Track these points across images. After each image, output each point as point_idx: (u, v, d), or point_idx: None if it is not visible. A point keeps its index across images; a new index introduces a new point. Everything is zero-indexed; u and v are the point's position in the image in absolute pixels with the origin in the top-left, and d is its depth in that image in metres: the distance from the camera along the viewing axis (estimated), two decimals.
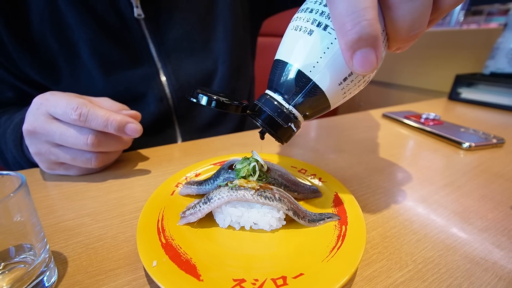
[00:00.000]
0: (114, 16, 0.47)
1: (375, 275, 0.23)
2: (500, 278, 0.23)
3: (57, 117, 0.33)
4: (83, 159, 0.35)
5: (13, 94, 0.48)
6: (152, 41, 0.51)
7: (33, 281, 0.19)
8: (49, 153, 0.34)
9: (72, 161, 0.35)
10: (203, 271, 0.20)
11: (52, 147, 0.34)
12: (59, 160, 0.35)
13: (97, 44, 0.46)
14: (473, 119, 0.67)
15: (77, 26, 0.45)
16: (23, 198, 0.19)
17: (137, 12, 0.48)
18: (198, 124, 0.60)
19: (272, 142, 0.51)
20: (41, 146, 0.34)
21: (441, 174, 0.39)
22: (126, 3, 0.47)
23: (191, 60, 0.55)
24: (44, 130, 0.33)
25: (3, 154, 0.45)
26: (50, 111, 0.33)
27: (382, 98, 1.34)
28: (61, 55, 0.46)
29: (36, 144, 0.34)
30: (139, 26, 0.49)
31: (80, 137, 0.33)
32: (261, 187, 0.26)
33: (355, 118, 0.67)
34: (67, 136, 0.33)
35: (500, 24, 0.94)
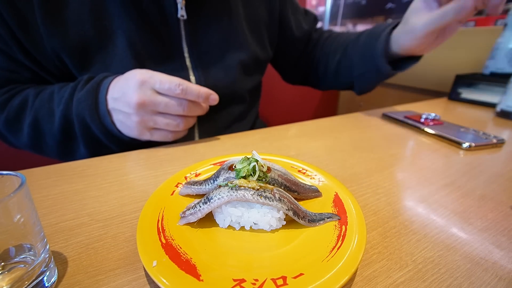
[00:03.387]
0: (157, 13, 0.49)
1: (375, 275, 0.23)
2: (500, 278, 0.23)
3: (161, 91, 0.41)
4: (175, 123, 0.44)
5: (29, 75, 0.50)
6: (187, 42, 0.53)
7: (33, 281, 0.19)
8: (149, 120, 0.42)
9: (166, 126, 0.44)
10: (203, 271, 0.20)
11: (154, 115, 0.42)
12: (155, 125, 0.43)
13: (135, 36, 0.48)
14: (473, 119, 0.67)
15: (118, 16, 0.47)
16: (23, 198, 0.19)
17: (181, 13, 0.50)
18: (217, 126, 0.62)
19: (272, 142, 0.51)
20: (146, 115, 0.42)
21: (441, 174, 0.39)
22: (171, 3, 0.49)
23: (219, 67, 0.58)
24: (152, 102, 0.41)
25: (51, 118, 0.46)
26: (156, 87, 0.41)
27: (382, 98, 1.34)
28: (94, 41, 0.47)
29: (142, 114, 0.41)
30: (178, 26, 0.51)
31: (180, 105, 0.42)
32: (261, 187, 0.26)
33: (355, 118, 0.67)
34: (170, 106, 0.42)
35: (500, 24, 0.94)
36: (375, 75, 0.62)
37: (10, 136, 0.50)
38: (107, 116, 0.43)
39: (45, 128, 0.47)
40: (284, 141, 0.52)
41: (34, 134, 0.47)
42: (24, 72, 0.50)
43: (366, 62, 0.62)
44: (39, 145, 0.49)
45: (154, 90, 0.41)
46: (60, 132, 0.46)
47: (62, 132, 0.46)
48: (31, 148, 0.51)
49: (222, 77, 0.57)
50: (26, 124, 0.47)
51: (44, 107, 0.46)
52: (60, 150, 0.50)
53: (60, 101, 0.45)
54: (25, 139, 0.48)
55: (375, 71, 0.61)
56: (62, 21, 0.45)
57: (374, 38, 0.59)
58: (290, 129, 0.58)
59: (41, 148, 0.50)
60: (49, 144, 0.49)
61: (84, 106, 0.43)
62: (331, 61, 0.71)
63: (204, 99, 0.43)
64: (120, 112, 0.42)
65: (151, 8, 0.48)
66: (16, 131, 0.48)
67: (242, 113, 0.66)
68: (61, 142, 0.48)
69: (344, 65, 0.68)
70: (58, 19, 0.45)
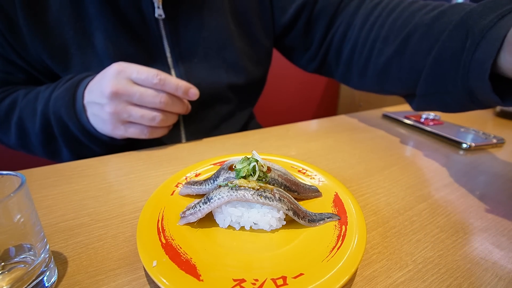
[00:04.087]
0: (135, 12, 0.48)
1: (375, 275, 0.23)
2: (500, 278, 0.23)
3: (138, 82, 0.40)
4: (150, 116, 0.41)
5: (24, 76, 0.51)
6: (168, 42, 0.52)
7: (33, 281, 0.19)
8: (123, 111, 0.40)
9: (140, 119, 0.41)
10: (203, 271, 0.20)
11: (128, 106, 0.40)
12: (129, 118, 0.41)
13: (113, 36, 0.48)
14: (473, 119, 0.67)
15: (96, 16, 0.46)
16: (23, 198, 0.19)
17: (158, 12, 0.49)
18: (204, 127, 0.61)
19: (271, 142, 0.52)
20: (119, 105, 0.40)
21: (441, 174, 0.39)
22: (148, 2, 0.48)
23: (203, 65, 0.56)
24: (126, 92, 0.39)
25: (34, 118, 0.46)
26: (132, 76, 0.39)
27: (382, 98, 1.34)
28: (74, 43, 0.47)
29: (115, 104, 0.39)
30: (157, 26, 0.50)
31: (156, 96, 0.40)
32: (261, 187, 0.26)
33: (355, 118, 0.67)
34: (145, 96, 0.40)
35: None
36: (463, 101, 0.38)
37: (2, 136, 0.51)
38: (83, 112, 0.42)
39: (29, 127, 0.47)
40: (284, 141, 0.52)
41: (20, 134, 0.48)
42: (18, 74, 0.50)
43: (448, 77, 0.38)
44: (26, 144, 0.50)
45: (131, 80, 0.40)
46: (41, 131, 0.46)
47: (43, 132, 0.46)
48: (21, 147, 0.51)
49: (205, 76, 0.56)
50: (13, 123, 0.47)
51: (28, 106, 0.46)
52: (45, 150, 0.50)
53: (42, 99, 0.45)
54: (14, 138, 0.49)
55: (464, 95, 0.37)
56: (43, 23, 0.45)
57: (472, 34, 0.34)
58: (290, 129, 0.58)
59: (29, 148, 0.50)
60: (34, 144, 0.49)
61: (61, 103, 0.43)
62: (378, 54, 0.48)
63: (183, 92, 0.42)
64: (94, 104, 0.41)
65: (129, 9, 0.47)
66: (6, 130, 0.49)
67: (231, 113, 0.64)
68: (44, 142, 0.48)
69: (403, 68, 0.45)
70: (40, 21, 0.45)
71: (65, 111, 0.43)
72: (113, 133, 0.43)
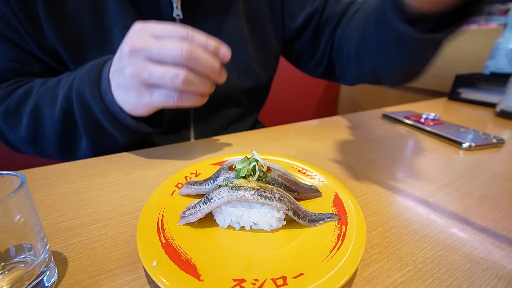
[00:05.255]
0: (153, 11, 0.48)
1: (375, 275, 0.23)
2: (500, 278, 0.23)
3: (162, 35, 0.35)
4: (172, 73, 0.35)
5: (40, 66, 0.49)
6: None
7: (33, 281, 0.19)
8: (143, 70, 0.35)
9: (161, 78, 0.35)
10: (203, 271, 0.20)
11: (148, 64, 0.35)
12: (150, 78, 0.35)
13: None
14: (473, 119, 0.67)
15: (115, 12, 0.46)
16: (23, 198, 0.19)
17: (176, 12, 0.49)
18: (213, 128, 0.61)
19: (271, 142, 0.52)
20: (139, 64, 0.35)
21: (441, 174, 0.39)
22: (167, 2, 0.48)
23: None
24: (144, 46, 0.34)
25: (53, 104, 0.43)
26: (156, 32, 0.35)
27: (382, 98, 1.34)
28: (92, 37, 0.47)
29: (134, 62, 0.35)
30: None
31: (178, 47, 0.34)
32: (261, 187, 0.26)
33: (355, 118, 0.67)
34: (165, 48, 0.34)
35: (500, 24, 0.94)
36: (397, 48, 0.43)
37: (8, 130, 0.47)
38: (108, 92, 0.39)
39: (46, 116, 0.43)
40: (284, 141, 0.52)
41: (33, 125, 0.44)
42: (35, 64, 0.49)
43: (381, 29, 0.44)
44: (37, 139, 0.46)
45: (153, 36, 0.36)
46: (60, 119, 0.43)
47: (62, 119, 0.43)
48: (30, 142, 0.47)
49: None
50: (26, 113, 0.44)
51: (48, 93, 0.44)
52: (60, 144, 0.46)
53: (65, 84, 0.43)
54: (23, 132, 0.45)
55: (393, 40, 0.42)
56: (61, 15, 0.45)
57: None
58: (290, 129, 0.58)
59: (39, 142, 0.47)
60: (47, 137, 0.45)
61: (86, 81, 0.40)
62: (352, 41, 0.54)
63: (213, 48, 0.37)
64: (116, 72, 0.38)
65: (148, 7, 0.48)
66: (14, 123, 0.45)
67: (240, 116, 0.65)
68: (61, 132, 0.44)
69: (363, 43, 0.51)
70: (58, 12, 0.44)
71: (89, 90, 0.39)
72: (138, 103, 0.38)
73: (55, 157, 0.51)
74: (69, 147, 0.47)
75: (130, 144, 0.46)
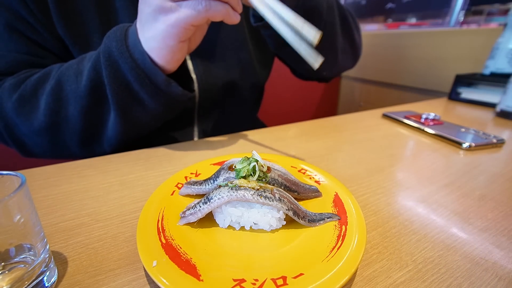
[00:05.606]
0: None
1: (375, 275, 0.23)
2: (500, 278, 0.23)
3: None
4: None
5: (51, 60, 0.49)
6: None
7: (33, 281, 0.19)
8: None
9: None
10: (203, 271, 0.20)
11: None
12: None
13: None
14: (473, 119, 0.67)
15: (122, 9, 0.47)
16: (23, 198, 0.19)
17: None
18: (216, 125, 0.62)
19: (271, 142, 0.51)
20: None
21: (441, 174, 0.39)
22: None
23: (220, 65, 0.57)
24: None
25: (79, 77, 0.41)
26: None
27: (382, 98, 1.34)
28: (99, 32, 0.47)
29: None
30: None
31: None
32: (261, 187, 0.26)
33: (355, 118, 0.67)
34: None
35: (500, 24, 0.94)
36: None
37: (20, 121, 0.44)
38: (138, 45, 0.37)
39: (69, 93, 0.41)
40: (284, 141, 0.52)
41: (54, 106, 0.42)
42: (46, 58, 0.48)
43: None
44: (57, 123, 0.43)
45: None
46: (87, 92, 0.40)
47: (90, 92, 0.41)
48: (46, 131, 0.44)
49: (222, 75, 0.57)
50: (45, 94, 0.42)
51: (71, 69, 0.42)
52: (84, 126, 0.44)
53: (90, 58, 0.41)
54: (41, 118, 0.42)
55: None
56: (70, 9, 0.45)
57: None
58: (290, 129, 0.58)
59: (58, 128, 0.44)
60: (70, 118, 0.43)
61: (112, 38, 0.38)
62: None
63: None
64: (143, 15, 0.36)
65: None
66: (30, 110, 0.42)
67: (243, 113, 0.66)
68: (87, 110, 0.42)
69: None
70: (66, 6, 0.45)
71: (116, 46, 0.38)
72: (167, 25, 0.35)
73: (73, 148, 0.48)
74: (94, 128, 0.45)
75: (159, 116, 0.44)
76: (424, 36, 1.07)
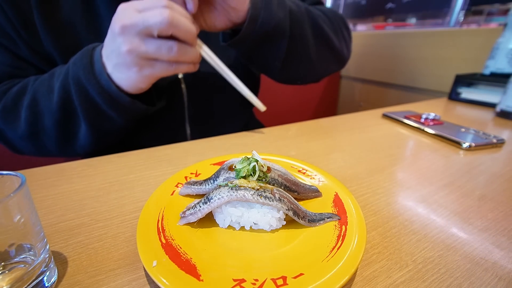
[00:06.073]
0: None
1: (375, 275, 0.23)
2: (500, 278, 0.23)
3: (145, 8, 0.37)
4: (167, 46, 0.39)
5: (33, 71, 0.51)
6: None
7: (33, 281, 0.19)
8: (139, 45, 0.38)
9: (158, 51, 0.39)
10: (203, 271, 0.20)
11: (142, 39, 0.38)
12: (148, 52, 0.38)
13: None
14: (473, 119, 0.67)
15: (107, 16, 0.47)
16: (23, 198, 0.19)
17: None
18: (209, 125, 0.62)
19: (271, 142, 0.51)
20: (133, 39, 0.37)
21: (441, 174, 0.39)
22: None
23: (207, 64, 0.56)
24: (132, 21, 0.37)
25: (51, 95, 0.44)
26: (139, 7, 0.37)
27: (382, 98, 1.34)
28: (87, 41, 0.47)
29: (128, 39, 0.37)
30: None
31: (159, 13, 0.36)
32: (261, 187, 0.26)
33: (355, 118, 0.67)
34: (149, 17, 0.36)
35: (500, 24, 0.94)
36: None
37: (7, 128, 0.48)
38: (103, 72, 0.41)
39: (43, 107, 0.45)
40: (284, 141, 0.52)
41: (32, 118, 0.45)
42: (28, 69, 0.50)
43: None
44: (37, 132, 0.47)
45: (137, 10, 0.38)
46: (59, 108, 0.44)
47: (61, 108, 0.44)
48: (31, 136, 0.48)
49: (211, 74, 0.56)
50: (23, 108, 0.45)
51: (43, 85, 0.45)
52: (59, 135, 0.47)
53: (59, 75, 0.44)
54: (23, 127, 0.46)
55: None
56: (56, 22, 0.46)
57: None
58: (290, 129, 0.58)
59: (38, 136, 0.48)
60: (47, 129, 0.46)
61: (79, 66, 0.41)
62: None
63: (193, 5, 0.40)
64: (112, 53, 0.40)
65: None
66: (13, 119, 0.46)
67: (235, 112, 0.66)
68: (60, 122, 0.45)
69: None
70: (53, 19, 0.46)
71: (84, 74, 0.41)
72: (141, 75, 0.41)
73: (54, 151, 0.51)
74: (68, 137, 0.48)
75: (127, 126, 0.47)
76: (424, 36, 1.07)
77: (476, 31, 0.94)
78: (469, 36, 0.94)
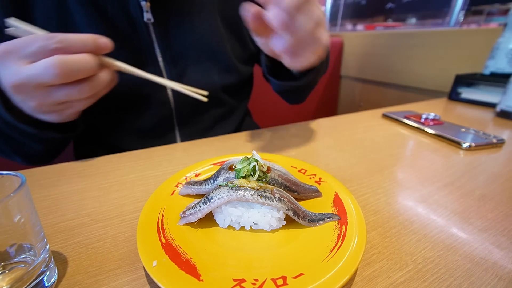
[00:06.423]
0: (123, 18, 0.47)
1: (375, 275, 0.23)
2: (500, 278, 0.23)
3: (32, 57, 0.31)
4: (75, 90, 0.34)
5: None
6: (159, 46, 0.51)
7: (33, 281, 0.19)
8: (44, 98, 0.33)
9: (68, 97, 0.34)
10: (203, 271, 0.20)
11: (43, 92, 0.33)
12: (58, 100, 0.34)
13: None
14: (473, 119, 0.67)
15: (84, 26, 0.45)
16: (23, 198, 0.19)
17: (147, 16, 0.48)
18: (198, 129, 0.61)
19: (271, 142, 0.51)
20: (33, 94, 0.33)
21: (441, 174, 0.39)
22: (136, 7, 0.47)
23: (196, 68, 0.56)
24: (20, 79, 0.31)
25: None
26: (22, 54, 0.31)
27: (382, 98, 1.34)
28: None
29: (29, 95, 0.33)
30: (147, 30, 0.50)
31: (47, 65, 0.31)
32: (261, 187, 0.26)
33: (355, 118, 0.67)
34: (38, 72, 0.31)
35: (500, 24, 0.94)
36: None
37: None
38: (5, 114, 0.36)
39: None
40: (284, 141, 0.52)
41: None
42: None
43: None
44: None
45: (23, 60, 0.32)
46: None
47: None
48: None
49: (198, 78, 0.56)
50: None
51: None
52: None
53: None
54: None
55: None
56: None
57: None
58: (290, 129, 0.58)
59: None
60: None
61: None
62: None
63: (93, 45, 0.34)
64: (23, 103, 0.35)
65: (117, 14, 0.47)
66: None
67: (224, 114, 0.65)
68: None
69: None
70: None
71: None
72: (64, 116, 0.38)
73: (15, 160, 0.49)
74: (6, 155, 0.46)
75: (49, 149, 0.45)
76: (424, 36, 1.07)
77: (476, 31, 0.94)
78: (469, 36, 0.94)
